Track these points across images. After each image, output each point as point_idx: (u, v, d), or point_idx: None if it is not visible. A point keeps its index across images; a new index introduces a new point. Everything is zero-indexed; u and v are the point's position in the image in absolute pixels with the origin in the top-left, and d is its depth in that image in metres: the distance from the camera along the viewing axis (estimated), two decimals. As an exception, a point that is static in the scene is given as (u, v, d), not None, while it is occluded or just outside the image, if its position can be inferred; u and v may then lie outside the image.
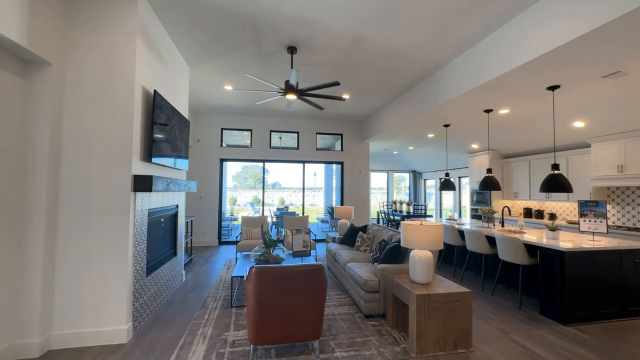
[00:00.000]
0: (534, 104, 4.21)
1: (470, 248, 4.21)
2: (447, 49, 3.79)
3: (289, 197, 24.88)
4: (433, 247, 2.60)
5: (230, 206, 23.94)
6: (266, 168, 8.16)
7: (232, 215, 12.71)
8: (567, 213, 5.75)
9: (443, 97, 4.32)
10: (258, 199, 26.70)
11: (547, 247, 3.16)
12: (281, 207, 11.55)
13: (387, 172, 11.59)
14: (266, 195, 31.87)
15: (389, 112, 6.18)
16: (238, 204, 24.37)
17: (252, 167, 28.20)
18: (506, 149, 6.73)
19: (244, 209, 21.21)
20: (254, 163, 7.80)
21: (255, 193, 27.70)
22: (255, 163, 7.77)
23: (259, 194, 28.03)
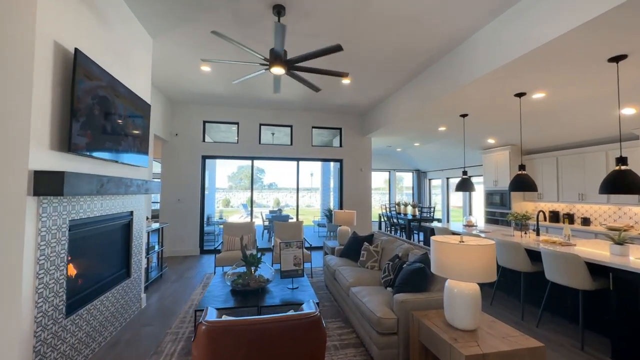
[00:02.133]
0: (584, 82, 3.38)
1: (503, 263, 3.37)
2: (472, 15, 2.94)
3: (285, 199, 23.99)
4: (483, 278, 1.74)
5: (223, 208, 22.99)
6: (261, 167, 7.44)
7: (222, 219, 11.80)
8: (605, 217, 4.94)
9: (466, 78, 3.47)
10: (251, 200, 25.74)
11: (627, 269, 2.32)
12: (274, 209, 10.66)
13: (389, 171, 10.76)
14: (261, 196, 30.97)
15: (397, 101, 5.33)
16: (232, 205, 23.40)
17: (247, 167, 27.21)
18: (529, 143, 5.92)
19: (237, 210, 20.26)
20: (243, 161, 6.90)
21: (249, 194, 26.69)
22: (242, 161, 6.88)
23: (253, 195, 27.05)
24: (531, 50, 2.68)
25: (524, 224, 3.80)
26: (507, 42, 2.91)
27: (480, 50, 3.24)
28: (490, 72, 3.16)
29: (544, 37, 2.55)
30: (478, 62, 3.28)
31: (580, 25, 2.30)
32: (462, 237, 1.93)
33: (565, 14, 2.38)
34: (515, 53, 2.84)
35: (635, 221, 4.53)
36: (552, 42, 2.55)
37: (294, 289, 2.99)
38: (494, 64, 3.07)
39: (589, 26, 2.32)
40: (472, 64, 3.38)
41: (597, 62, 2.89)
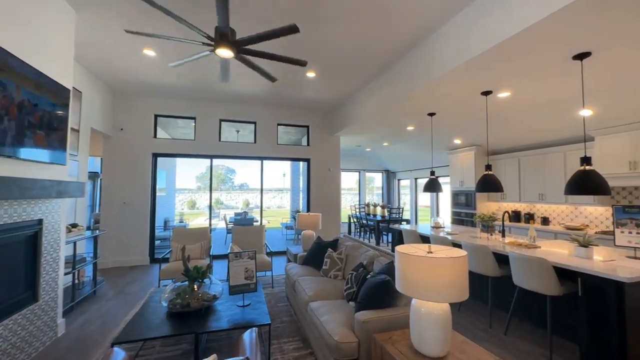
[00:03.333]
0: (547, 81, 3.33)
1: (471, 268, 3.22)
2: (440, 5, 2.75)
3: (255, 200, 23.22)
4: (456, 296, 1.48)
5: (189, 210, 21.70)
6: (232, 167, 6.91)
7: (182, 222, 10.97)
8: (563, 217, 5.07)
9: (434, 73, 3.29)
10: (220, 202, 24.69)
11: (598, 274, 2.21)
12: (240, 212, 10.07)
13: (359, 171, 10.62)
14: (229, 197, 29.86)
15: (364, 98, 5.10)
16: (198, 207, 22.19)
17: (216, 167, 26.03)
18: (494, 144, 5.98)
19: (203, 213, 19.19)
20: (201, 160, 6.31)
21: (218, 195, 25.57)
22: (201, 160, 6.29)
23: (221, 196, 25.95)
24: (495, 44, 2.53)
25: (490, 225, 3.71)
26: (473, 36, 2.74)
27: (447, 45, 3.07)
28: (456, 68, 3.00)
29: (508, 32, 2.41)
30: (447, 55, 3.10)
31: (544, 19, 2.17)
32: (430, 247, 1.66)
33: (529, 7, 2.23)
34: (480, 48, 2.68)
35: (590, 220, 4.67)
36: (518, 36, 2.41)
37: (244, 306, 2.58)
38: (459, 59, 2.90)
39: (553, 20, 2.19)
40: (440, 58, 3.20)
41: (562, 59, 2.81)
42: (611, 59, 2.77)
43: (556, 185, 4.88)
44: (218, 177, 27.24)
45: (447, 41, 3.10)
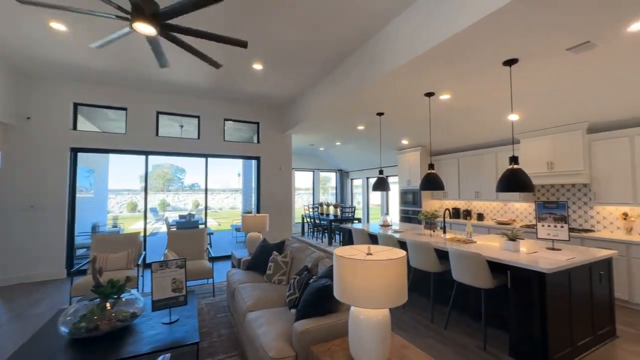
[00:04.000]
0: (482, 85, 3.54)
1: (415, 264, 3.28)
2: (387, 2, 2.73)
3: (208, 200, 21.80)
4: (395, 300, 1.39)
5: (128, 214, 19.60)
6: (181, 166, 6.23)
7: (116, 227, 9.77)
8: (494, 213, 5.54)
9: (379, 70, 3.29)
10: (166, 203, 22.75)
11: (524, 267, 2.35)
12: (186, 214, 9.28)
13: (313, 170, 10.54)
14: (177, 198, 27.71)
15: (316, 95, 4.98)
16: (139, 210, 20.11)
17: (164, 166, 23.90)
18: (437, 145, 6.32)
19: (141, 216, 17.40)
20: (159, 159, 5.62)
21: (163, 197, 23.53)
22: (158, 159, 5.58)
23: (168, 198, 23.93)
24: (437, 44, 2.58)
25: (433, 222, 3.85)
26: (415, 34, 2.77)
27: (396, 39, 3.07)
28: (402, 66, 3.02)
29: (446, 32, 2.47)
30: (391, 53, 3.10)
31: (474, 24, 2.26)
32: (370, 248, 1.56)
33: (464, 11, 2.30)
34: (418, 48, 2.72)
35: (516, 215, 5.16)
36: (453, 39, 2.48)
37: (171, 323, 2.25)
38: (405, 57, 2.92)
39: (483, 25, 2.29)
40: (385, 56, 3.19)
41: (494, 64, 2.98)
42: (533, 68, 3.02)
43: (489, 184, 5.30)
44: (164, 176, 25.08)
45: (394, 39, 3.10)
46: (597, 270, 2.63)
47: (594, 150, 3.96)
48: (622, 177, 3.70)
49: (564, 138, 4.19)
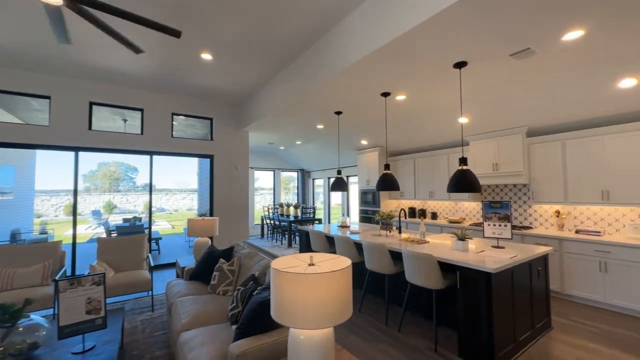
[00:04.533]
0: (435, 87, 3.59)
1: (371, 267, 3.21)
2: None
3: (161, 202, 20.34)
4: (337, 317, 1.23)
5: (66, 217, 17.45)
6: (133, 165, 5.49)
7: (45, 234, 8.56)
8: (447, 212, 5.76)
9: (334, 67, 3.18)
10: (113, 205, 20.73)
11: (472, 267, 2.37)
12: (129, 218, 8.40)
13: (274, 170, 10.23)
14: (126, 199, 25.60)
15: (271, 90, 4.74)
16: (79, 213, 18.01)
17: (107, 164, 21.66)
18: (394, 146, 6.43)
19: (84, 220, 15.67)
20: (105, 156, 4.89)
21: (110, 198, 21.40)
22: (105, 156, 4.84)
23: (115, 199, 21.80)
24: (386, 43, 2.54)
25: (388, 222, 3.84)
26: (369, 30, 2.69)
27: (351, 35, 2.96)
28: (358, 62, 2.92)
29: (396, 31, 2.43)
30: (346, 49, 3.00)
31: (423, 23, 2.24)
32: (312, 257, 1.39)
33: (414, 11, 2.26)
34: (373, 45, 2.65)
35: (466, 214, 5.42)
36: (405, 36, 2.44)
37: (84, 352, 1.88)
38: (360, 53, 2.83)
39: (431, 25, 2.27)
40: (339, 52, 3.08)
41: (445, 66, 3.02)
42: (481, 72, 3.11)
43: (442, 184, 5.51)
44: (111, 175, 22.84)
45: (349, 34, 2.99)
46: (536, 266, 2.77)
47: (532, 153, 4.26)
48: (555, 178, 4.01)
49: (507, 141, 4.45)
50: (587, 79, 3.13)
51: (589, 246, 3.48)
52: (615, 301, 3.27)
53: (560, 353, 2.47)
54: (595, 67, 2.94)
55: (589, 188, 3.71)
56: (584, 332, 2.83)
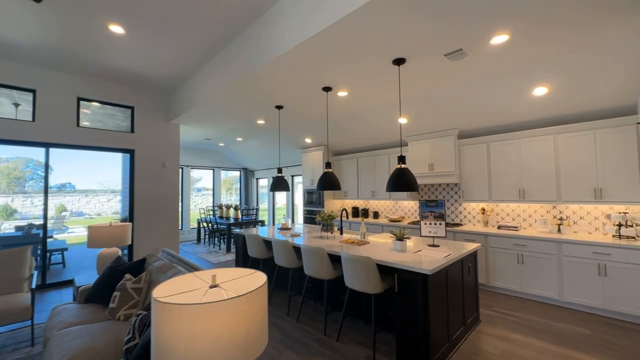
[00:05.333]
0: (376, 83, 3.53)
1: (310, 272, 2.98)
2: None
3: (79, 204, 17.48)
4: (245, 357, 0.93)
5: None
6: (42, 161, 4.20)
7: None
8: (388, 211, 5.88)
9: (270, 54, 2.87)
10: (10, 210, 17.21)
11: (409, 269, 2.28)
12: (23, 225, 6.84)
13: (213, 169, 9.43)
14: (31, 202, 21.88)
15: (204, 78, 4.21)
16: (-42, 218, 14.42)
17: (5, 160, 17.78)
18: (338, 145, 6.36)
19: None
20: None
21: (7, 200, 17.68)
22: None
23: (14, 202, 18.12)
24: (325, 27, 2.32)
25: (330, 224, 3.67)
26: (307, 16, 2.45)
27: (282, 24, 2.69)
28: (295, 48, 2.66)
29: (335, 15, 2.22)
30: (279, 37, 2.71)
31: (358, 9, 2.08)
32: (215, 277, 1.07)
33: None
34: (312, 30, 2.42)
35: (405, 213, 5.59)
36: (343, 22, 2.26)
37: None
38: (295, 39, 2.57)
39: (367, 13, 2.13)
40: (275, 35, 2.78)
41: (385, 62, 2.94)
42: (418, 71, 3.12)
43: (384, 184, 5.59)
44: (10, 174, 18.84)
45: (287, 17, 2.71)
46: (467, 263, 2.85)
47: (463, 154, 4.53)
48: (482, 178, 4.31)
49: (441, 142, 4.66)
50: (510, 85, 3.37)
51: (509, 240, 3.78)
52: (529, 290, 3.60)
53: (488, 347, 2.55)
54: (517, 74, 3.16)
55: (509, 187, 4.05)
56: (506, 322, 3.01)
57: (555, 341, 2.62)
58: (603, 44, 2.59)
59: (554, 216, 3.89)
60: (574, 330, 2.82)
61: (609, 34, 2.44)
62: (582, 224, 3.67)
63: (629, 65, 2.78)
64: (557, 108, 3.61)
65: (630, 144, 3.21)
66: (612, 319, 3.04)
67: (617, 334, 2.74)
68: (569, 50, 2.70)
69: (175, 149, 5.73)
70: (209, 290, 1.01)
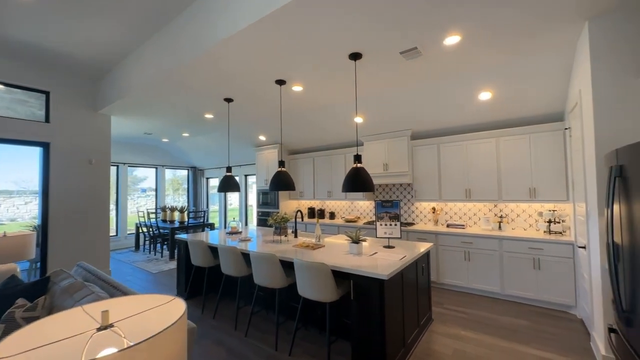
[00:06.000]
0: (331, 79, 3.38)
1: (260, 282, 2.71)
2: None
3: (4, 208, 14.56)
4: None
5: None
6: None
7: None
8: (344, 211, 5.82)
9: (215, 36, 2.55)
10: None
11: (365, 274, 2.15)
12: None
13: (156, 167, 8.52)
14: None
15: (139, 61, 3.67)
16: None
17: None
18: (294, 144, 6.13)
19: None
20: None
21: None
22: None
23: None
24: (271, 12, 2.10)
25: (283, 226, 3.43)
26: None
27: (226, 3, 2.38)
28: (244, 30, 2.38)
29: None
30: (224, 16, 2.40)
31: None
32: (107, 314, 0.77)
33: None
34: (258, 12, 2.17)
35: (360, 213, 5.58)
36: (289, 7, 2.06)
37: None
38: (247, 18, 2.29)
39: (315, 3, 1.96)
40: (219, 18, 2.46)
41: (340, 56, 2.80)
42: (375, 69, 3.05)
43: (340, 184, 5.51)
44: None
45: None
46: (420, 263, 2.84)
47: (415, 154, 4.63)
48: (433, 178, 4.45)
49: (395, 143, 4.72)
50: (460, 87, 3.48)
51: (457, 238, 3.93)
52: (475, 285, 3.77)
53: (441, 347, 2.55)
54: (467, 77, 3.26)
55: (457, 187, 4.23)
56: (456, 319, 3.08)
57: (501, 335, 2.73)
58: (540, 52, 2.77)
59: (495, 214, 4.15)
60: (516, 322, 2.98)
61: (545, 43, 2.60)
62: (518, 221, 3.97)
63: (559, 75, 3.03)
64: (500, 112, 3.84)
65: (558, 148, 3.53)
66: (545, 309, 3.30)
67: (550, 323, 2.96)
68: (512, 57, 2.84)
69: (106, 144, 4.97)
70: (95, 335, 0.71)
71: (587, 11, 2.20)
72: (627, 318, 1.38)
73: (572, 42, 2.60)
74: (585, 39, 2.35)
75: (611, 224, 1.50)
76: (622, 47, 2.16)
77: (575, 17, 2.25)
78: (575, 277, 3.17)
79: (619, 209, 1.47)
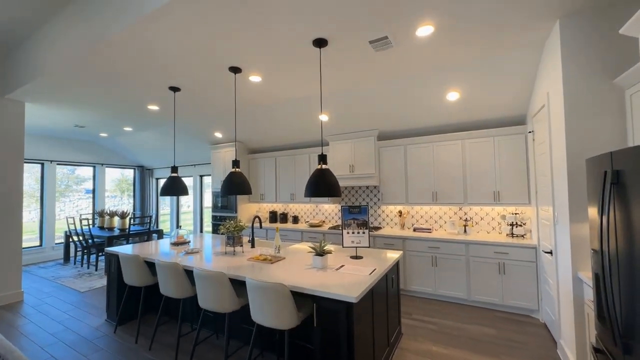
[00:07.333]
0: (293, 68, 3.02)
1: (206, 305, 2.25)
2: None
3: None
4: None
5: None
6: None
7: None
8: (308, 215, 5.48)
9: (145, 2, 2.04)
10: None
11: (331, 297, 1.81)
12: None
13: (93, 165, 7.43)
14: None
15: (56, 33, 2.96)
16: None
17: None
18: (253, 142, 5.64)
19: None
20: None
21: None
22: None
23: None
24: None
25: (237, 236, 2.97)
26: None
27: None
28: (169, 4, 1.92)
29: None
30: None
31: None
32: None
33: None
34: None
35: (326, 217, 5.28)
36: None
37: None
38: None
39: None
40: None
41: (303, 41, 2.46)
42: (341, 59, 2.74)
43: (303, 186, 5.16)
44: None
45: (165, -46, 1.93)
46: (390, 275, 2.59)
47: (382, 156, 4.44)
48: (399, 181, 4.29)
49: (361, 143, 4.49)
50: (429, 85, 3.32)
51: (424, 243, 3.79)
52: (442, 291, 3.66)
53: (413, 368, 2.32)
54: (436, 73, 3.10)
55: (423, 190, 4.11)
56: (426, 331, 2.89)
57: (471, 348, 2.58)
58: (508, 51, 2.69)
59: (460, 217, 4.10)
60: (483, 331, 2.88)
61: (514, 40, 2.51)
62: (482, 225, 3.95)
63: (524, 76, 2.99)
64: (467, 114, 3.78)
65: (520, 152, 3.54)
66: (510, 314, 3.27)
67: (516, 329, 2.90)
68: (481, 53, 2.73)
69: (19, 136, 4.07)
70: None
71: (558, 10, 2.11)
72: (627, 345, 1.21)
73: (540, 42, 2.54)
74: (556, 38, 2.27)
75: (607, 233, 1.34)
76: (594, 48, 2.09)
77: (546, 14, 2.16)
78: (538, 281, 3.16)
79: (614, 216, 1.31)
